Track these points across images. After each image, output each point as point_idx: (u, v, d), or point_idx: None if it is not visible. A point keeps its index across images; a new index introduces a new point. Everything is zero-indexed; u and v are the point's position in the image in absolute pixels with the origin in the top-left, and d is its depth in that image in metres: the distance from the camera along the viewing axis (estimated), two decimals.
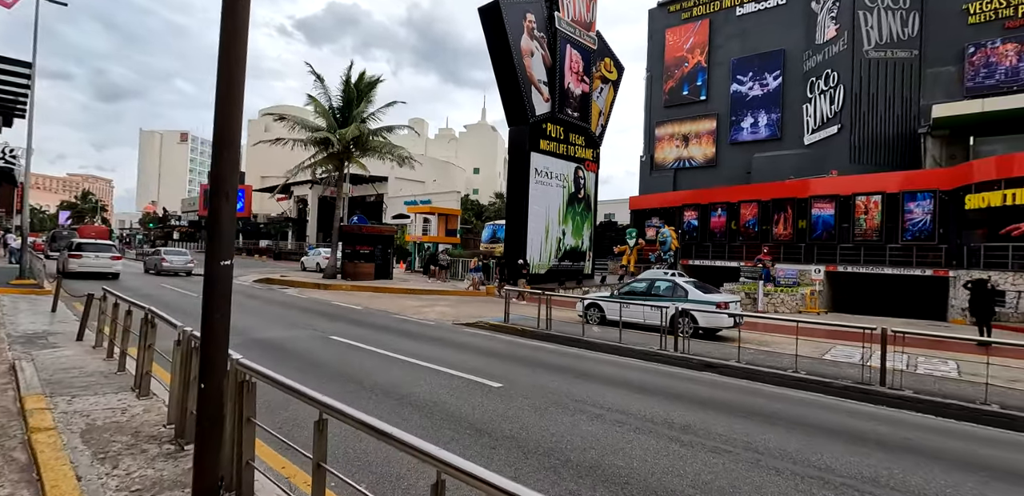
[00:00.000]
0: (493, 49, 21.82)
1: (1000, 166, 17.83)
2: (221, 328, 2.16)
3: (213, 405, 2.17)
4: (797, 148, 29.85)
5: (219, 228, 2.11)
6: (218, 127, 2.10)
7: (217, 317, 2.14)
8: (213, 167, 2.11)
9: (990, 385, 6.72)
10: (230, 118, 2.10)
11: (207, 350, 2.16)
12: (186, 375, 3.67)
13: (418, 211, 34.07)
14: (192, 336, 3.66)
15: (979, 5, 25.40)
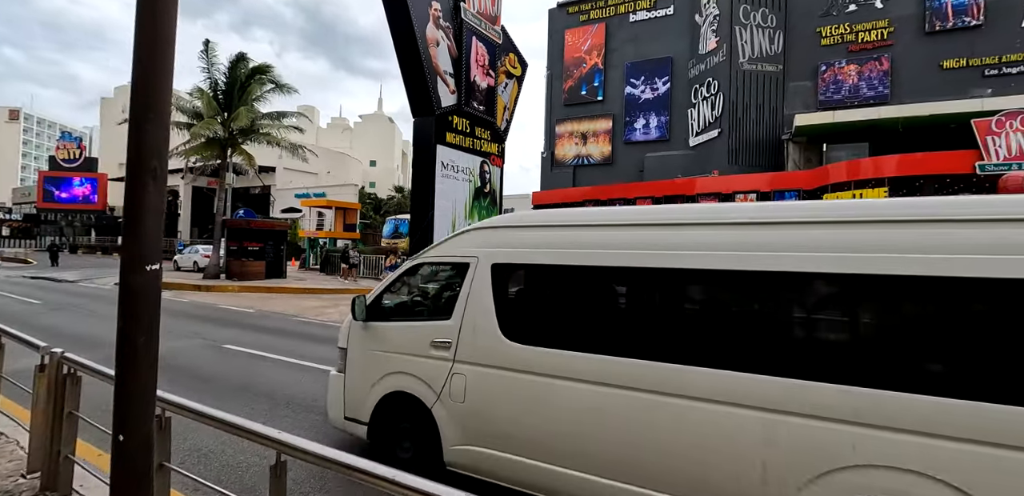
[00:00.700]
0: (397, 37, 20.82)
1: (849, 170, 20.59)
2: (147, 359, 1.58)
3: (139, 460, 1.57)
4: (684, 149, 32.23)
5: (141, 221, 1.53)
6: (139, 86, 1.52)
7: (142, 343, 1.56)
8: (132, 141, 1.53)
9: None
10: (156, 74, 1.53)
11: (127, 390, 1.56)
12: (56, 409, 2.89)
13: (312, 204, 31.86)
14: (64, 360, 2.87)
15: (829, 29, 29.07)
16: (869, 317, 2.63)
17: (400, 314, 4.07)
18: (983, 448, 2.10)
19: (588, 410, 2.98)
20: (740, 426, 2.55)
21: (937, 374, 2.33)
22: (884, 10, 27.97)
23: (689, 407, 2.69)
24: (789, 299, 2.72)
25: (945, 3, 26.95)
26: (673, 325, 2.99)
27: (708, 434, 2.63)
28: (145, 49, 1.53)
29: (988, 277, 2.18)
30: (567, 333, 3.23)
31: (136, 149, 1.55)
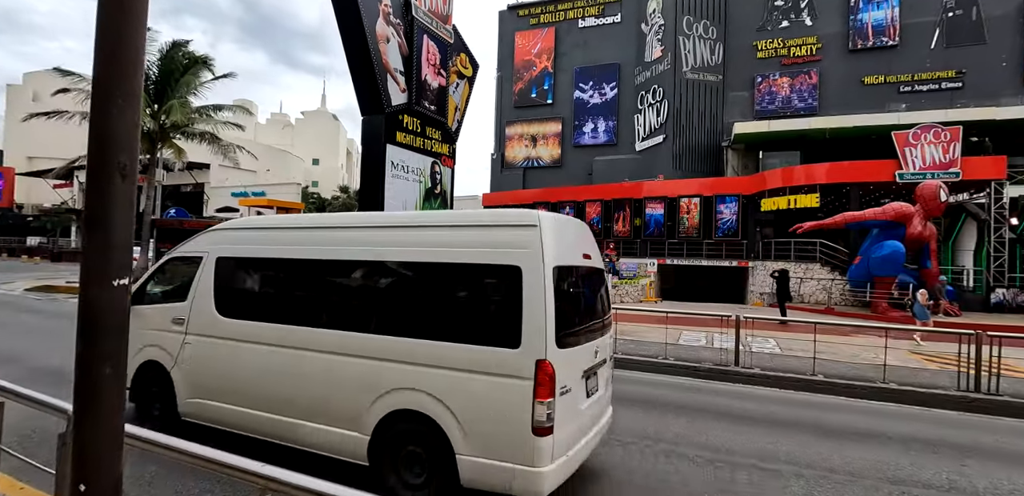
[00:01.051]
0: (345, 32, 20.01)
1: (784, 177, 21.79)
2: (114, 393, 1.31)
3: None
4: (630, 153, 33.10)
5: (107, 226, 1.28)
6: (104, 67, 1.27)
7: (107, 374, 1.29)
8: (95, 132, 1.27)
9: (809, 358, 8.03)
10: (124, 53, 1.29)
11: (92, 431, 1.29)
12: None
13: (251, 204, 30.30)
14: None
15: (764, 43, 30.72)
16: (371, 287, 3.85)
17: (156, 298, 4.92)
18: (435, 369, 3.33)
19: (265, 364, 3.97)
20: (341, 367, 3.66)
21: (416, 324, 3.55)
22: (813, 27, 29.90)
23: (318, 357, 3.77)
24: (335, 277, 3.98)
25: (866, 23, 29.12)
26: (303, 299, 4.09)
27: (329, 374, 3.71)
28: (111, 23, 1.28)
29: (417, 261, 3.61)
30: (253, 308, 4.27)
31: (99, 141, 1.29)
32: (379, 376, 3.51)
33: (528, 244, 3.25)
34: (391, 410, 3.43)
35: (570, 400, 3.30)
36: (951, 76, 27.29)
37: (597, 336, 3.87)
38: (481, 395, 3.20)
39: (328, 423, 3.67)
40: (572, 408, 3.34)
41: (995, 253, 17.98)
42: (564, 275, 3.43)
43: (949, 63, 27.33)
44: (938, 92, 27.33)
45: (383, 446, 3.47)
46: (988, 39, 26.68)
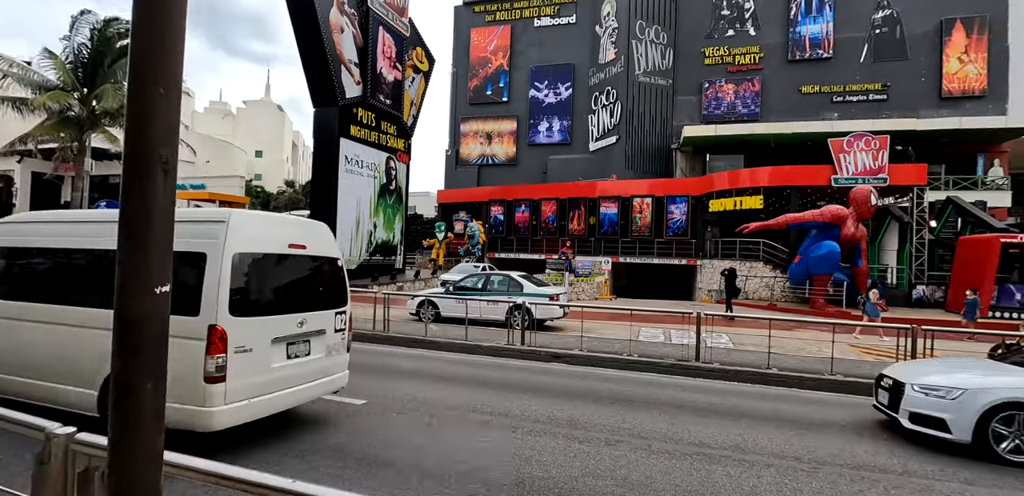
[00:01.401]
0: (297, 19, 19.35)
1: (731, 179, 22.79)
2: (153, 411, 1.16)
3: None
4: (584, 153, 33.64)
5: (148, 227, 1.14)
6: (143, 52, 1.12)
7: (148, 390, 1.15)
8: (134, 123, 1.12)
9: (761, 352, 8.45)
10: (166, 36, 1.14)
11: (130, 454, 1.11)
12: None
13: (191, 197, 28.59)
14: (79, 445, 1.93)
15: (712, 50, 31.97)
16: (100, 270, 4.47)
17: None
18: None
19: (31, 337, 4.63)
20: (81, 338, 4.31)
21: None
22: (756, 37, 31.39)
23: (67, 330, 4.42)
24: (76, 262, 4.71)
25: (804, 36, 30.87)
26: (54, 281, 4.81)
27: (73, 343, 4.36)
28: (151, 4, 1.14)
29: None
30: (24, 290, 4.89)
31: (137, 133, 1.15)
32: (104, 343, 3.86)
33: (215, 235, 4.06)
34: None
35: (251, 358, 4.11)
36: (878, 89, 29.41)
37: (306, 310, 4.69)
38: (176, 353, 3.60)
39: (72, 384, 4.33)
40: (256, 365, 4.16)
41: (916, 253, 19.56)
42: (250, 260, 4.26)
43: (876, 76, 29.44)
44: (866, 103, 29.39)
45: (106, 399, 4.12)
46: (910, 55, 28.93)
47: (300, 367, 4.61)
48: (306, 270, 4.98)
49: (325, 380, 4.94)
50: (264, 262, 4.44)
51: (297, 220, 5.19)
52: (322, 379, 4.88)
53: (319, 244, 5.04)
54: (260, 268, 4.40)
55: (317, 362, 4.82)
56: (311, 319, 4.73)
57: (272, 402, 4.34)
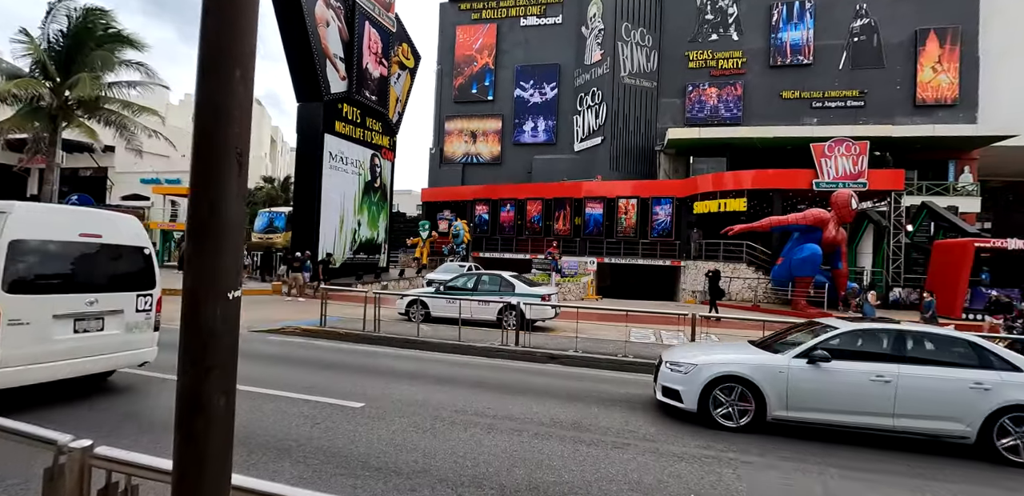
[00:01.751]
0: (282, 12, 18.93)
1: (715, 181, 23.07)
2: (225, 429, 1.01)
3: None
4: (569, 153, 33.70)
5: (220, 227, 1.01)
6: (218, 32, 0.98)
7: (221, 405, 1.01)
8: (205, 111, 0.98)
9: None
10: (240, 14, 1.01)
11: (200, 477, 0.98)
12: None
13: (167, 192, 27.77)
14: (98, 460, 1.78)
15: (696, 54, 32.33)
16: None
17: None
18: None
19: None
20: None
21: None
22: (739, 42, 31.85)
23: None
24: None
25: (785, 42, 31.44)
26: None
27: None
28: None
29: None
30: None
31: (210, 122, 1.01)
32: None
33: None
34: None
35: (27, 330, 4.65)
36: (855, 95, 30.13)
37: (99, 291, 5.31)
38: None
39: None
40: (32, 337, 4.69)
41: (893, 256, 20.09)
42: (30, 246, 4.79)
43: (854, 83, 30.15)
44: (844, 109, 30.09)
45: None
46: (886, 63, 29.71)
47: (91, 340, 5.21)
48: (100, 256, 5.50)
49: (126, 353, 5.57)
50: (47, 248, 4.98)
51: (96, 212, 5.91)
52: (122, 353, 5.52)
53: (117, 234, 5.60)
54: (42, 253, 4.94)
55: (113, 337, 5.41)
56: (104, 299, 5.33)
57: (52, 369, 4.90)
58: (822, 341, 5.50)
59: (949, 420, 5.02)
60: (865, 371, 5.22)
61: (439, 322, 11.42)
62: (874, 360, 5.33)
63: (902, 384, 5.11)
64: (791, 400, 5.28)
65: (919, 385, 5.10)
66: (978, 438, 4.94)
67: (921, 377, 5.13)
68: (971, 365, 5.19)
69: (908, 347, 5.40)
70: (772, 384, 5.32)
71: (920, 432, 5.12)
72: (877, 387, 5.13)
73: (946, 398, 5.05)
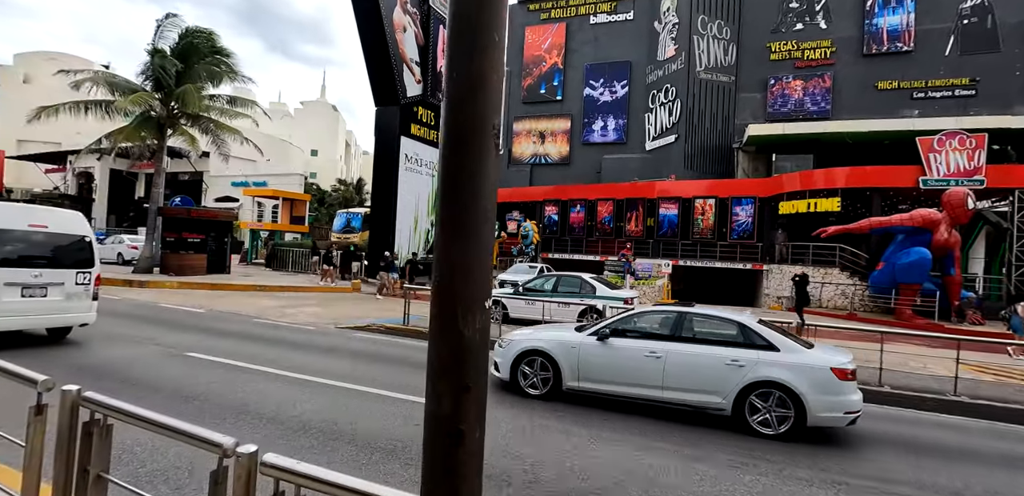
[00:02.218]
0: (362, 20, 19.59)
1: (803, 180, 21.57)
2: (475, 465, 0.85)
3: None
4: (640, 152, 32.78)
5: (477, 220, 0.86)
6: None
7: (476, 439, 0.83)
8: (459, 81, 0.85)
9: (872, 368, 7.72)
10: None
11: None
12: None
13: (257, 194, 29.57)
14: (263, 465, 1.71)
15: (778, 45, 30.48)
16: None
17: None
18: None
19: None
20: None
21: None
22: (828, 31, 29.69)
23: None
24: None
25: (881, 28, 28.97)
26: None
27: None
28: None
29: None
30: None
31: (470, 97, 0.86)
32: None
33: None
34: None
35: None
36: (965, 83, 27.24)
37: (44, 267, 7.00)
38: None
39: None
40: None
41: (1016, 262, 17.89)
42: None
43: (963, 70, 27.26)
44: (951, 99, 27.27)
45: None
46: (1003, 47, 26.65)
47: (35, 303, 6.92)
48: (46, 241, 7.18)
49: (67, 315, 7.35)
50: (2, 235, 6.69)
51: (44, 209, 7.75)
52: (63, 314, 7.28)
53: (62, 226, 7.39)
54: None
55: (55, 303, 7.13)
56: (47, 274, 7.04)
57: (4, 323, 6.62)
58: (613, 321, 6.19)
59: (709, 393, 5.39)
60: (641, 348, 5.76)
61: (516, 323, 11.28)
62: (654, 339, 5.85)
63: (670, 359, 5.57)
64: (581, 372, 5.95)
65: (684, 361, 5.54)
66: (733, 410, 5.30)
67: (686, 354, 5.58)
68: (735, 344, 5.55)
69: (684, 327, 5.85)
70: (567, 358, 6.02)
71: (685, 403, 5.55)
72: (650, 362, 5.63)
73: (705, 373, 5.44)
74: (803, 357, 5.28)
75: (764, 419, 5.18)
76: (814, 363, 5.21)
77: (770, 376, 5.17)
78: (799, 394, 5.04)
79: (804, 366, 5.17)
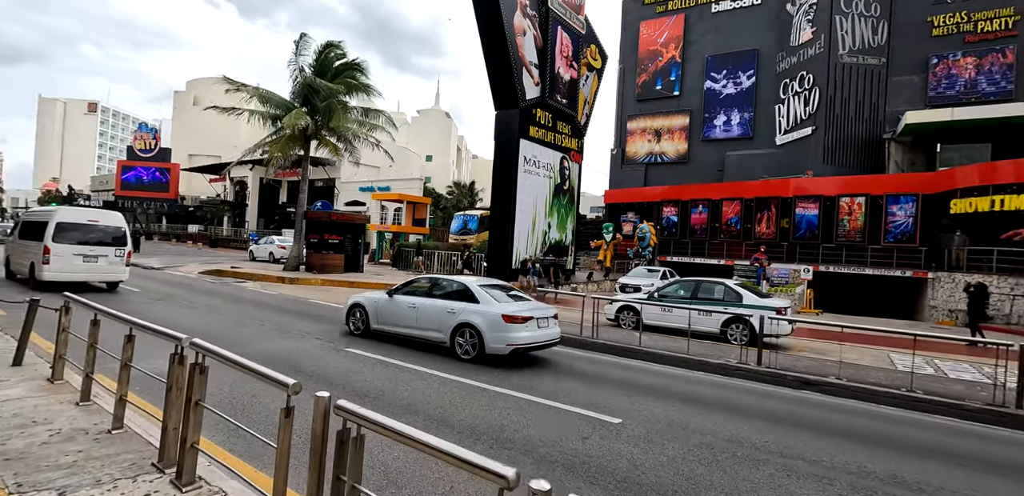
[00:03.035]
0: (483, 25, 19.99)
1: (983, 173, 18.38)
2: None
3: None
4: (769, 147, 30.18)
5: None
6: None
7: None
8: None
9: None
10: None
11: None
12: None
13: (383, 198, 31.59)
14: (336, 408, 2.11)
15: (942, 18, 26.46)
16: None
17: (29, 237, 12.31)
18: None
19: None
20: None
21: None
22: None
23: None
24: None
25: None
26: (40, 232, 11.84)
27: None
28: None
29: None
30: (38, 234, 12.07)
31: None
32: None
33: (52, 215, 11.60)
34: None
35: (60, 258, 11.14)
36: None
37: (96, 245, 11.67)
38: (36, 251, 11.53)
39: None
40: (63, 261, 11.18)
41: None
42: (65, 225, 11.42)
43: None
44: None
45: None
46: None
47: (91, 266, 11.54)
48: (97, 229, 11.81)
49: (108, 275, 11.96)
50: (72, 225, 11.43)
51: (95, 210, 13.21)
52: (107, 274, 11.92)
53: (108, 220, 12.13)
54: (70, 227, 11.35)
55: (102, 266, 11.75)
56: (98, 249, 11.66)
57: (72, 276, 11.24)
58: (402, 284, 8.84)
59: (437, 331, 7.82)
60: (408, 301, 8.29)
61: (650, 331, 10.69)
62: (417, 295, 8.38)
63: (421, 309, 8.07)
64: (379, 318, 8.58)
65: (427, 310, 8.01)
66: (451, 343, 7.64)
67: (429, 305, 8.04)
68: (459, 299, 7.84)
69: (434, 287, 8.42)
70: (373, 309, 8.68)
71: (429, 339, 7.97)
72: (411, 311, 8.16)
73: (436, 318, 7.86)
74: (491, 308, 7.42)
75: (465, 349, 7.47)
76: (493, 310, 7.34)
77: (468, 320, 7.46)
78: (480, 331, 7.29)
79: (487, 313, 7.36)
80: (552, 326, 7.82)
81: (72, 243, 11.26)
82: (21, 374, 5.09)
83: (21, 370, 5.25)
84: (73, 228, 11.40)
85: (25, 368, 5.32)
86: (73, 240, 11.30)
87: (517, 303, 7.74)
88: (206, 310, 10.89)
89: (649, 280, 18.27)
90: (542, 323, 7.55)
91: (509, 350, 7.13)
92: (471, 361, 7.32)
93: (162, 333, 3.34)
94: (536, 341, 7.39)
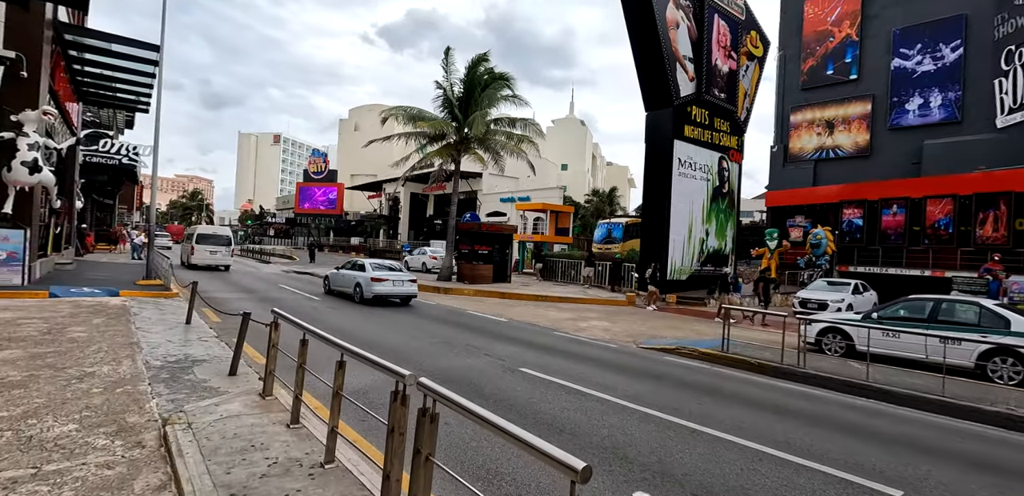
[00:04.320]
0: (632, 21, 19.00)
1: None
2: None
3: None
4: (984, 132, 24.54)
5: None
6: None
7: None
8: None
9: None
10: None
11: None
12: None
13: (526, 208, 31.79)
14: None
15: None
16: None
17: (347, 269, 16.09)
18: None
19: None
20: None
21: None
22: None
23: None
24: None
25: None
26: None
27: None
28: None
29: None
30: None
31: None
32: None
33: (194, 230, 24.36)
34: None
35: (199, 251, 22.20)
36: None
37: (216, 245, 22.54)
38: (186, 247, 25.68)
39: None
40: (200, 253, 22.18)
41: None
42: (202, 234, 22.88)
43: None
44: None
45: None
46: None
47: (213, 256, 22.19)
48: (218, 237, 22.76)
49: (223, 261, 22.55)
50: (204, 235, 22.66)
51: (215, 226, 30.49)
52: (222, 261, 22.49)
53: (222, 232, 23.89)
54: (204, 236, 22.53)
55: (218, 257, 22.30)
56: (217, 248, 22.32)
57: (204, 261, 22.01)
58: (346, 263, 15.69)
59: (350, 288, 14.34)
60: (348, 274, 14.66)
61: (864, 358, 8.72)
62: (354, 270, 14.60)
63: (348, 275, 14.61)
64: (333, 284, 15.51)
65: (348, 276, 14.63)
66: (356, 296, 14.09)
67: (352, 275, 14.40)
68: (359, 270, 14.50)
69: (362, 266, 14.49)
70: (332, 278, 15.61)
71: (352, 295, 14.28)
72: (350, 278, 14.41)
73: (350, 281, 14.43)
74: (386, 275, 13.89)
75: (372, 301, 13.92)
76: (366, 275, 13.83)
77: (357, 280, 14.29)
78: (362, 286, 13.82)
79: (366, 277, 13.80)
80: (407, 286, 14.05)
81: (204, 244, 22.00)
82: (236, 385, 5.28)
83: (235, 380, 5.48)
84: (206, 237, 22.43)
85: (239, 379, 5.55)
86: (205, 242, 22.10)
87: (386, 272, 14.19)
88: (379, 321, 11.29)
89: (838, 295, 15.56)
90: (397, 284, 13.84)
91: (370, 297, 13.65)
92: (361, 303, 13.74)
93: (379, 365, 2.94)
94: (392, 293, 13.84)
